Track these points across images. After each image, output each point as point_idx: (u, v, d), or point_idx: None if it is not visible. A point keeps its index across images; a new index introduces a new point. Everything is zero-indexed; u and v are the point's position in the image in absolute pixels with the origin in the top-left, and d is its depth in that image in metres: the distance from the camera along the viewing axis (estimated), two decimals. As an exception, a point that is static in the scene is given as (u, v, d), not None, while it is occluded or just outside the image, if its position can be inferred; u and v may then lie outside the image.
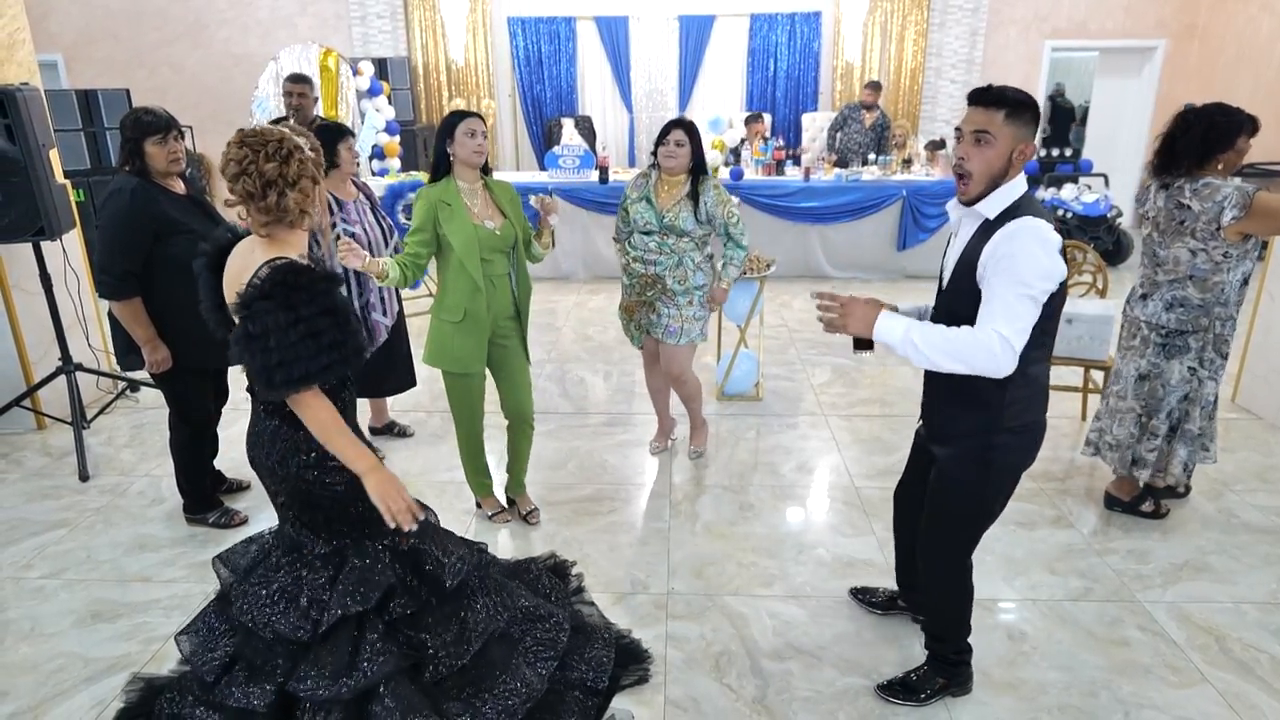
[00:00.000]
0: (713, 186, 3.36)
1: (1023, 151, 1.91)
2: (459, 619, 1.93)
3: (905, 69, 9.15)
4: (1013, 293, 1.79)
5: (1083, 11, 8.94)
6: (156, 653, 2.57)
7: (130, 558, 3.10)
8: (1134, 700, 2.32)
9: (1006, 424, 1.98)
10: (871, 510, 3.36)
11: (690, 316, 3.46)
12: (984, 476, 2.05)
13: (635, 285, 3.48)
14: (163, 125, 2.94)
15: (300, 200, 1.79)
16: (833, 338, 5.55)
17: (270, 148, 1.74)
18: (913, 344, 1.82)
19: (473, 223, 2.85)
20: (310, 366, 1.67)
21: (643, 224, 3.39)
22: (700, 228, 3.35)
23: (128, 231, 2.89)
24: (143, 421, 4.36)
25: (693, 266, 3.41)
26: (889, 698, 2.31)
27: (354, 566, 1.85)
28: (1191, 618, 2.68)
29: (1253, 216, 2.74)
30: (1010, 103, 1.87)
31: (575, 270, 7.32)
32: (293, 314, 1.65)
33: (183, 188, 3.08)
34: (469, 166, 2.89)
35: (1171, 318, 3.00)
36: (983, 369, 1.80)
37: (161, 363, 3.04)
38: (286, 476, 1.85)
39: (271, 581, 1.87)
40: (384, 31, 9.10)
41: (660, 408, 3.87)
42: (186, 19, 9.08)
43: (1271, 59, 7.90)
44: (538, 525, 3.28)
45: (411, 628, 1.88)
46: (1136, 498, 3.28)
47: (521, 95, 9.33)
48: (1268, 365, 4.19)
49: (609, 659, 2.24)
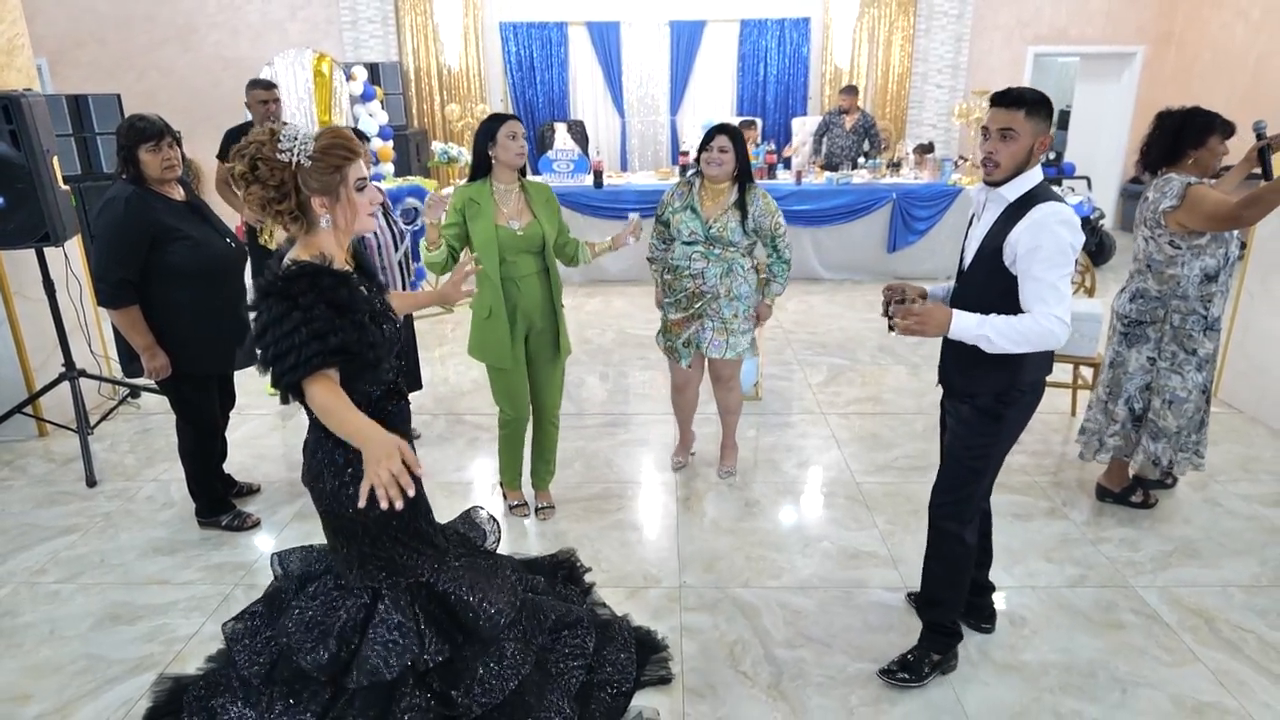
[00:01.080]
0: (761, 196, 3.27)
1: (1042, 143, 2.13)
2: (497, 655, 1.91)
3: (892, 74, 9.30)
4: (1054, 275, 2.04)
5: (1064, 18, 9.13)
6: (180, 653, 2.60)
7: (145, 561, 3.13)
8: (1130, 679, 2.43)
9: (1020, 383, 2.22)
10: (873, 504, 3.46)
11: (738, 330, 3.36)
12: (995, 429, 2.26)
13: (682, 300, 3.36)
14: (156, 132, 2.93)
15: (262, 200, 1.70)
16: (828, 339, 5.68)
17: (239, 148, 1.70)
18: (986, 337, 2.06)
19: (495, 223, 2.94)
20: (304, 352, 1.60)
21: (687, 234, 3.26)
22: (748, 238, 3.26)
23: (123, 239, 2.88)
24: (146, 427, 4.38)
25: (742, 275, 3.31)
26: (892, 680, 2.41)
27: (387, 618, 1.81)
28: (1182, 601, 2.80)
29: (1184, 207, 2.89)
30: (1028, 102, 2.10)
31: (570, 274, 7.39)
32: (289, 304, 1.61)
33: (181, 193, 3.08)
34: (510, 168, 2.97)
35: (1133, 308, 3.15)
36: (1047, 346, 2.07)
37: (161, 369, 3.03)
38: (321, 494, 1.83)
39: (309, 609, 1.86)
40: (375, 36, 9.13)
41: (683, 423, 3.79)
42: (175, 22, 9.06)
43: (1245, 65, 8.12)
44: (546, 521, 3.37)
45: (443, 677, 1.85)
46: (1126, 489, 3.40)
47: (514, 100, 9.39)
48: (1248, 361, 4.34)
49: (631, 659, 2.28)
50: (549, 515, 3.40)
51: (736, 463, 3.80)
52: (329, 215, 1.76)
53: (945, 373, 2.40)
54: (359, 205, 1.80)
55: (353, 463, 1.78)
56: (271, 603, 2.00)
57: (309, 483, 1.86)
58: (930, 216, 7.09)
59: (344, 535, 1.85)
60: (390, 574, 1.85)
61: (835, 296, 6.87)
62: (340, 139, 1.73)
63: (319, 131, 1.73)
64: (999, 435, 2.27)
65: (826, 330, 5.93)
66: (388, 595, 1.84)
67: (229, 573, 3.04)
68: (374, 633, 1.80)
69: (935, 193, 7.07)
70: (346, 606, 1.84)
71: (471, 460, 3.95)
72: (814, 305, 6.61)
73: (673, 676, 2.43)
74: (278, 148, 1.67)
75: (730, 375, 3.54)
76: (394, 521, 1.83)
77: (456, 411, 4.49)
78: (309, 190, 1.72)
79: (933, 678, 2.42)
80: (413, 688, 1.82)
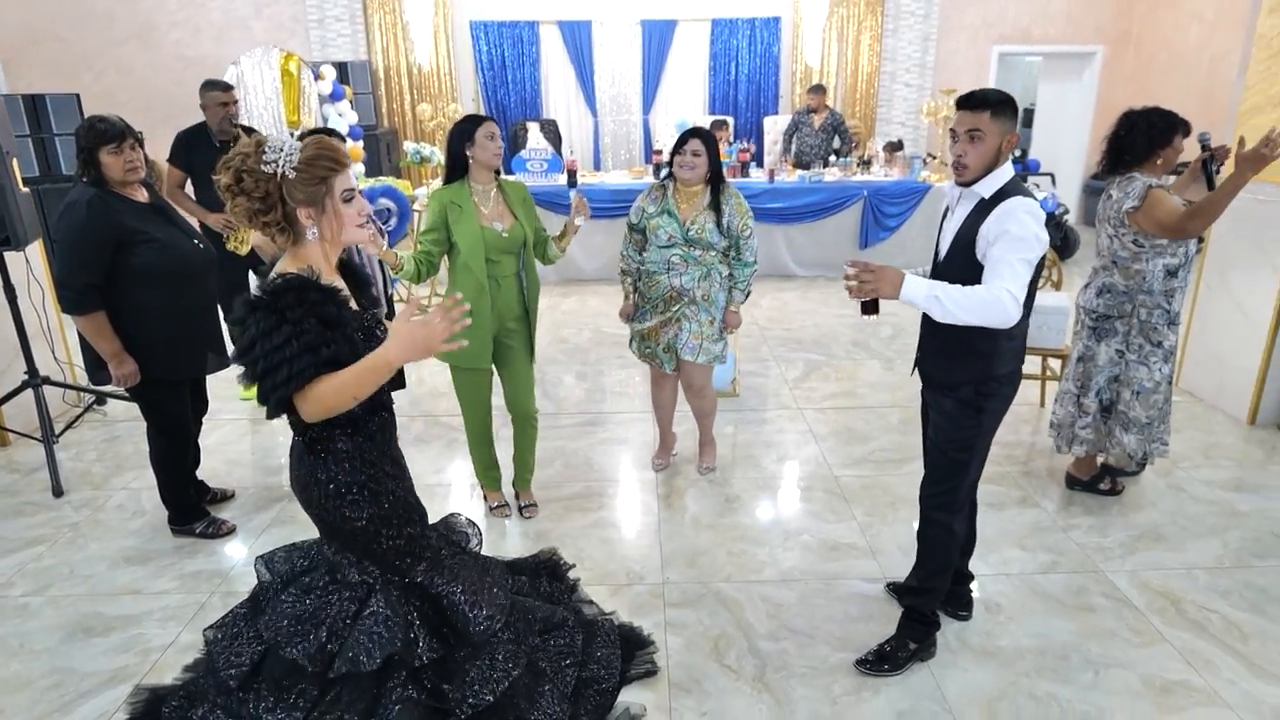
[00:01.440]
0: (733, 195, 3.29)
1: (1009, 141, 2.18)
2: (489, 658, 1.92)
3: (861, 73, 9.41)
4: (1014, 256, 2.07)
5: (1026, 18, 9.30)
6: (156, 664, 2.56)
7: (117, 571, 3.07)
8: (1102, 661, 2.50)
9: (996, 372, 2.26)
10: (851, 497, 3.51)
11: (710, 336, 3.38)
12: (977, 420, 2.31)
13: (660, 304, 3.37)
14: (117, 134, 2.86)
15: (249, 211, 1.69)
16: (802, 335, 5.74)
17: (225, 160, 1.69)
18: (936, 299, 2.06)
19: (480, 224, 2.94)
20: (295, 366, 1.59)
21: (665, 238, 3.27)
22: (725, 239, 3.28)
23: (86, 244, 2.82)
24: (114, 434, 4.30)
25: (719, 280, 3.34)
26: (869, 671, 2.46)
27: (377, 611, 1.82)
28: (1149, 584, 2.88)
29: (1143, 210, 2.99)
30: (993, 103, 2.15)
31: (546, 273, 7.38)
32: (277, 318, 1.60)
33: (145, 195, 3.02)
34: (487, 169, 2.97)
35: (1100, 303, 3.23)
36: (995, 321, 2.06)
37: (129, 376, 2.96)
38: (310, 504, 1.83)
39: (302, 602, 1.86)
40: (343, 35, 9.04)
41: (664, 424, 3.81)
42: (135, 20, 8.88)
43: (1200, 64, 8.33)
44: (530, 520, 3.37)
45: (437, 674, 1.87)
46: (1095, 477, 3.49)
47: (485, 100, 9.35)
48: (1206, 351, 4.46)
49: (616, 656, 2.32)
50: (534, 514, 3.41)
51: (716, 459, 3.82)
52: (315, 227, 1.74)
53: (923, 366, 2.45)
54: (346, 217, 1.78)
55: (334, 478, 1.79)
56: (256, 603, 1.99)
57: (298, 491, 1.86)
58: (901, 213, 7.19)
59: (341, 538, 1.86)
60: (385, 572, 1.87)
61: (809, 293, 6.94)
62: (326, 150, 1.71)
63: (306, 142, 1.72)
64: (980, 426, 2.32)
65: (801, 326, 5.99)
66: (381, 592, 1.85)
67: (205, 581, 3.00)
68: (362, 624, 1.81)
69: (905, 190, 7.17)
70: (341, 599, 1.84)
71: (450, 462, 3.93)
72: (788, 302, 6.67)
73: (658, 670, 2.46)
74: (263, 159, 1.65)
75: (702, 384, 3.56)
76: (384, 530, 1.84)
77: (434, 413, 4.47)
78: (295, 202, 1.70)
79: (911, 665, 2.47)
80: (404, 681, 1.83)
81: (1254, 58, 4.07)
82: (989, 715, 2.30)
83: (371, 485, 1.82)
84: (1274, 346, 4.04)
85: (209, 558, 3.16)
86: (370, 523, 1.81)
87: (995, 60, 9.44)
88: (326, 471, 1.78)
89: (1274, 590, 2.83)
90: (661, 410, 3.76)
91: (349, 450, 1.80)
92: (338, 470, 1.78)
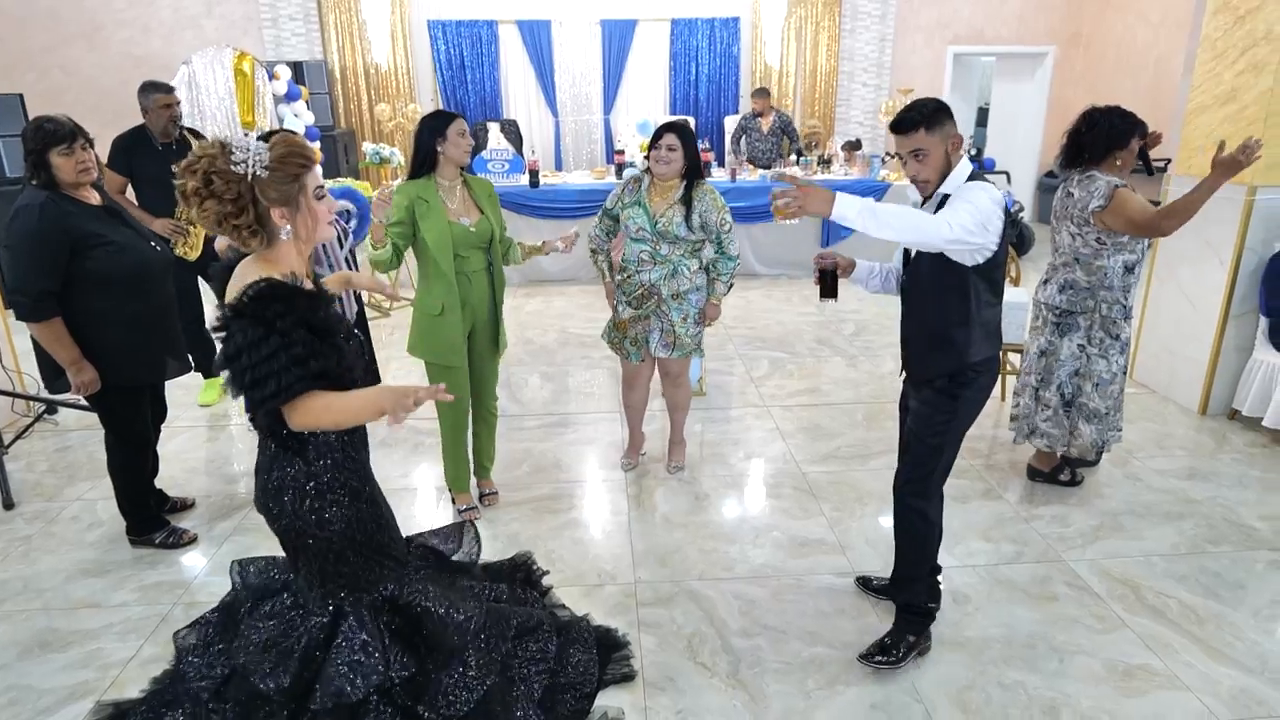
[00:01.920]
0: (708, 192, 3.30)
1: (953, 143, 2.23)
2: (461, 669, 1.89)
3: (820, 73, 9.51)
4: (963, 208, 2.09)
5: (980, 19, 9.49)
6: (117, 678, 2.49)
7: (74, 584, 2.98)
8: (1066, 648, 2.56)
9: (970, 359, 2.29)
10: (819, 493, 3.55)
11: (685, 333, 3.39)
12: (952, 408, 2.35)
13: (632, 300, 3.40)
14: (67, 134, 2.77)
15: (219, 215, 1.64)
16: (767, 334, 5.77)
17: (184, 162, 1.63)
18: (871, 211, 2.01)
19: (448, 220, 2.95)
20: (285, 379, 1.56)
21: (635, 230, 3.29)
22: (693, 234, 3.27)
23: (41, 249, 2.73)
24: (66, 444, 4.18)
25: (688, 276, 3.34)
26: (869, 663, 2.47)
27: (352, 638, 1.77)
28: (1110, 572, 2.96)
29: (1110, 209, 3.06)
30: (925, 118, 2.19)
31: (510, 275, 7.33)
32: (265, 329, 1.57)
33: (98, 198, 2.94)
34: (457, 165, 2.99)
35: (1063, 299, 3.30)
36: (928, 235, 2.06)
37: (89, 384, 2.87)
38: (281, 513, 1.76)
39: (265, 629, 1.81)
40: (297, 34, 8.89)
41: (634, 424, 3.81)
42: (80, 19, 8.64)
43: (1147, 64, 8.57)
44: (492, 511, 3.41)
45: (408, 692, 1.82)
46: (1055, 468, 3.57)
47: (444, 99, 9.26)
48: (1159, 343, 4.59)
49: (593, 660, 2.29)
50: (494, 501, 3.45)
51: (685, 458, 3.84)
52: (289, 226, 1.71)
53: (906, 360, 2.50)
54: (319, 214, 1.76)
55: (315, 476, 1.74)
56: (227, 613, 1.95)
57: (265, 505, 1.80)
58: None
59: (307, 554, 1.81)
60: (352, 590, 1.82)
61: (773, 291, 7.00)
62: (296, 146, 1.69)
63: (273, 140, 1.69)
64: (956, 413, 2.36)
65: (765, 325, 6.03)
66: (351, 613, 1.80)
67: (166, 592, 2.93)
68: (338, 653, 1.76)
69: (865, 188, 7.24)
70: (308, 627, 1.79)
71: (416, 466, 3.89)
72: (752, 300, 6.71)
73: (635, 674, 2.45)
74: (231, 159, 1.62)
75: (679, 371, 3.58)
76: (357, 536, 1.80)
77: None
78: (268, 201, 1.67)
79: (910, 659, 2.48)
80: (378, 704, 1.79)
81: (1199, 58, 4.20)
82: (959, 705, 2.34)
83: (353, 484, 1.80)
84: (1222, 338, 4.17)
85: (170, 568, 3.08)
86: (346, 527, 1.77)
87: (950, 60, 9.62)
88: (308, 469, 1.73)
89: (1228, 575, 2.92)
90: (632, 410, 3.76)
91: (330, 442, 1.76)
92: (320, 469, 1.74)
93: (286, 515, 1.76)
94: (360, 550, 1.81)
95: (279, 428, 1.70)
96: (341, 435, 1.78)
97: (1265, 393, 3.94)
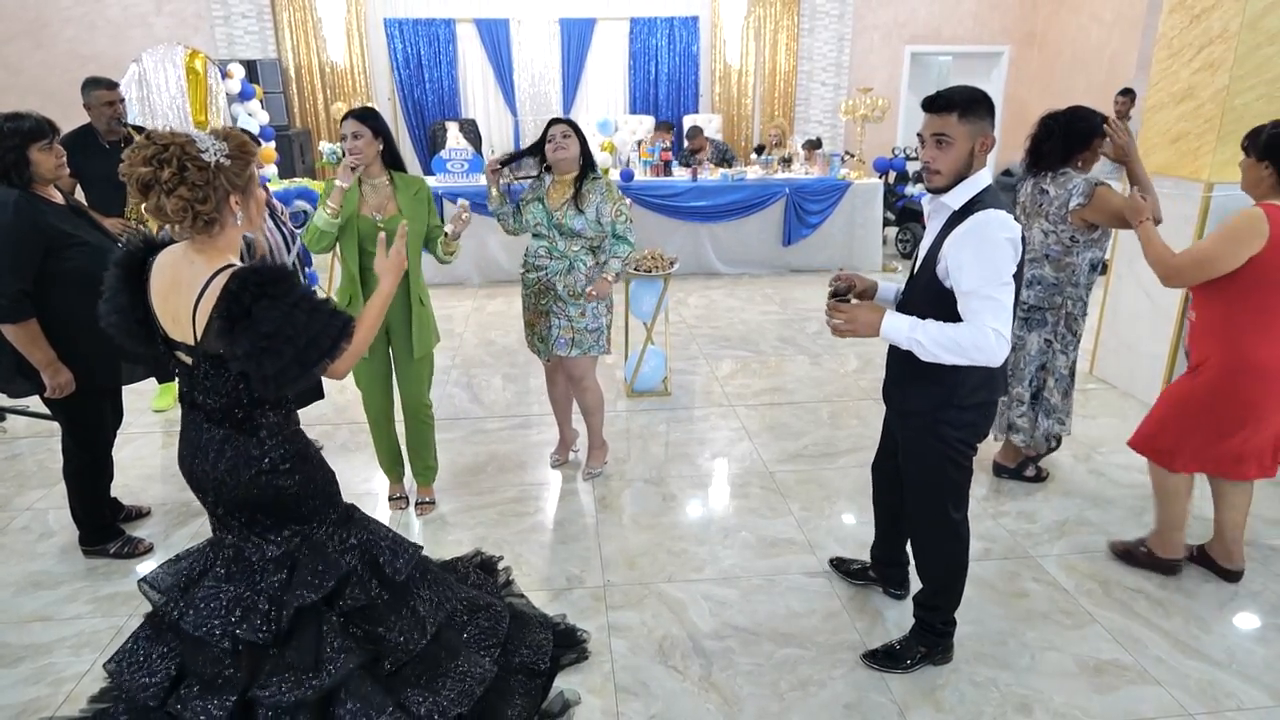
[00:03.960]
0: (604, 186, 3.29)
1: (983, 144, 2.04)
2: (409, 608, 1.97)
3: (779, 72, 9.54)
4: (991, 287, 1.93)
5: (937, 18, 9.60)
6: (70, 694, 2.40)
7: (25, 597, 2.86)
8: (1037, 644, 2.56)
9: (958, 401, 2.12)
10: (787, 492, 3.52)
11: (584, 328, 3.36)
12: (937, 449, 2.20)
13: (530, 295, 3.41)
14: (47, 128, 2.72)
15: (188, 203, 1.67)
16: (730, 333, 5.77)
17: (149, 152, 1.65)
18: (917, 341, 1.96)
19: (358, 212, 2.97)
20: (333, 326, 1.70)
21: (534, 224, 3.31)
22: (590, 228, 3.26)
23: (17, 248, 2.65)
24: (14, 452, 4.01)
25: (584, 271, 3.32)
26: (874, 666, 2.44)
27: (306, 560, 1.85)
28: (1077, 567, 2.97)
29: (1092, 206, 3.08)
30: (960, 104, 2.00)
31: (470, 275, 7.24)
32: (288, 301, 1.64)
33: (60, 197, 2.86)
34: None
35: (1031, 294, 3.32)
36: (981, 361, 1.94)
37: (65, 385, 2.80)
38: (237, 485, 1.81)
39: (222, 592, 1.83)
40: (250, 32, 8.69)
41: (561, 419, 3.77)
42: (24, 16, 8.36)
43: (1100, 62, 8.74)
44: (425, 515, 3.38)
45: (365, 621, 1.90)
46: (1020, 464, 3.59)
47: (401, 99, 9.12)
48: (1118, 340, 4.66)
49: (548, 640, 2.36)
50: (427, 510, 3.40)
51: (604, 461, 3.75)
52: (242, 212, 1.78)
53: (885, 386, 2.36)
54: (262, 199, 1.87)
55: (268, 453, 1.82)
56: (152, 624, 1.95)
57: (220, 478, 1.82)
58: (822, 210, 7.31)
59: (273, 514, 1.86)
60: (305, 541, 1.88)
61: (735, 290, 6.99)
62: (242, 137, 1.78)
63: (219, 132, 1.77)
64: (945, 459, 2.19)
65: (729, 324, 6.02)
66: (305, 546, 1.88)
67: (121, 604, 2.82)
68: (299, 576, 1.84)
69: (826, 187, 7.29)
70: (265, 571, 1.84)
71: (376, 470, 3.78)
72: (715, 299, 6.70)
73: (589, 655, 2.47)
74: (198, 148, 1.67)
75: (582, 374, 3.51)
76: (312, 487, 1.89)
77: (358, 420, 4.30)
78: (230, 188, 1.73)
79: (923, 666, 2.45)
80: (339, 630, 1.85)
81: (1155, 57, 4.27)
82: (933, 704, 2.32)
83: (300, 451, 1.89)
84: (1181, 334, 4.24)
85: (125, 579, 2.97)
86: (300, 485, 1.86)
87: (908, 59, 9.72)
88: (261, 448, 1.81)
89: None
90: (554, 404, 3.75)
91: (278, 422, 1.85)
92: (271, 446, 1.82)
93: (243, 486, 1.81)
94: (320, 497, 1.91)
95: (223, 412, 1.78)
96: (283, 416, 1.87)
97: (1221, 385, 4.00)
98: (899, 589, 2.76)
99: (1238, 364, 2.56)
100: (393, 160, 3.04)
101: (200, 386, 1.80)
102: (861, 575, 2.85)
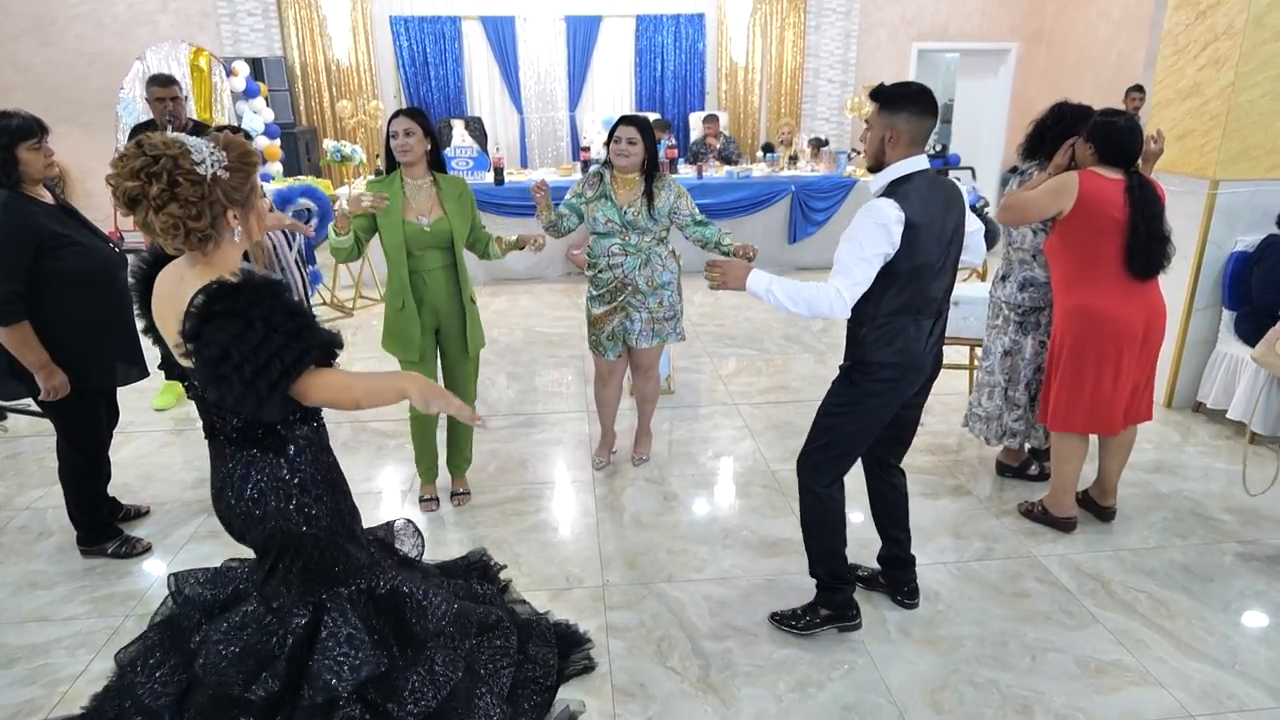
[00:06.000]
0: (671, 184, 3.33)
1: (890, 135, 2.21)
2: (426, 668, 1.87)
3: (786, 69, 9.50)
4: (850, 256, 2.18)
5: (944, 16, 9.54)
6: (65, 694, 2.40)
7: (21, 597, 2.87)
8: (1038, 645, 2.55)
9: (865, 356, 2.34)
10: (789, 492, 3.50)
11: (662, 318, 3.42)
12: (850, 396, 2.39)
13: (605, 294, 3.40)
14: (36, 127, 2.72)
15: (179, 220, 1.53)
16: (735, 331, 5.76)
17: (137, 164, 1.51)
18: (771, 293, 2.22)
19: (402, 218, 2.97)
20: (288, 356, 1.49)
21: (603, 223, 3.29)
22: (659, 224, 3.30)
23: (9, 249, 2.63)
24: (15, 451, 4.03)
25: (660, 262, 3.36)
26: (776, 625, 2.60)
27: (335, 630, 1.74)
28: (1080, 567, 2.95)
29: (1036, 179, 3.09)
30: (882, 97, 2.23)
31: (475, 273, 7.23)
32: (242, 320, 1.48)
33: (50, 197, 2.85)
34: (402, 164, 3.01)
35: (1025, 297, 3.29)
36: (823, 313, 2.21)
37: (59, 388, 2.79)
38: (265, 515, 1.70)
39: (239, 638, 1.75)
40: (256, 30, 8.69)
41: (607, 421, 3.75)
42: (30, 14, 8.37)
43: (1108, 60, 8.67)
44: (461, 512, 3.37)
45: (378, 688, 1.79)
46: (1024, 463, 3.57)
47: (407, 96, 9.11)
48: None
49: (553, 654, 2.31)
50: (464, 501, 3.44)
51: (650, 450, 3.84)
52: (240, 226, 1.65)
53: None
54: (263, 212, 1.75)
55: (298, 472, 1.71)
56: (170, 630, 1.89)
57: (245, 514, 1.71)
58: (828, 207, 7.28)
59: (291, 552, 1.75)
60: (329, 585, 1.79)
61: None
62: (245, 145, 1.64)
63: (217, 139, 1.62)
64: (853, 404, 2.38)
65: (734, 322, 6.00)
66: (333, 607, 1.77)
67: (119, 604, 2.82)
68: (323, 649, 1.74)
69: (832, 184, 7.26)
70: (289, 629, 1.75)
71: (380, 470, 3.80)
72: (720, 298, 6.67)
73: (595, 665, 2.44)
74: (193, 160, 1.54)
75: (651, 364, 3.61)
76: (339, 528, 1.79)
77: (360, 419, 4.31)
78: (228, 203, 1.60)
79: (823, 630, 2.55)
80: (349, 700, 1.76)
81: (1161, 54, 4.23)
82: (932, 705, 2.31)
83: (331, 476, 1.79)
84: (1187, 332, 4.21)
85: (123, 579, 2.97)
86: (331, 520, 1.75)
87: (915, 57, 9.66)
88: (291, 466, 1.70)
89: (1197, 569, 2.93)
90: (605, 406, 3.73)
91: (308, 436, 1.74)
92: (301, 463, 1.70)
93: (273, 517, 1.70)
94: (343, 541, 1.80)
95: (252, 428, 1.65)
96: (314, 430, 1.76)
97: (1229, 385, 3.98)
98: (911, 600, 2.73)
99: (1066, 309, 2.94)
100: (436, 161, 3.07)
101: (213, 410, 1.68)
102: (872, 583, 2.83)
